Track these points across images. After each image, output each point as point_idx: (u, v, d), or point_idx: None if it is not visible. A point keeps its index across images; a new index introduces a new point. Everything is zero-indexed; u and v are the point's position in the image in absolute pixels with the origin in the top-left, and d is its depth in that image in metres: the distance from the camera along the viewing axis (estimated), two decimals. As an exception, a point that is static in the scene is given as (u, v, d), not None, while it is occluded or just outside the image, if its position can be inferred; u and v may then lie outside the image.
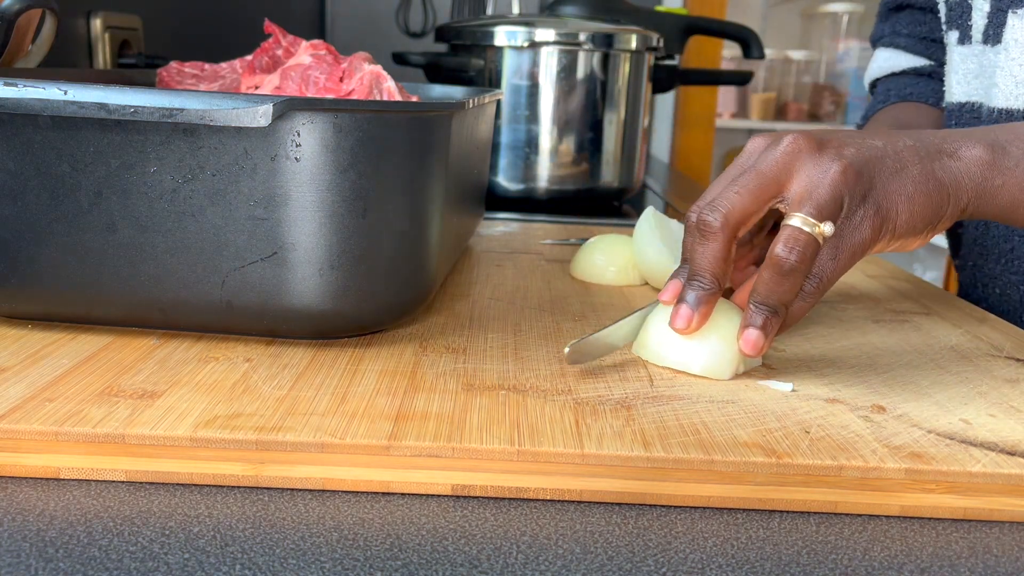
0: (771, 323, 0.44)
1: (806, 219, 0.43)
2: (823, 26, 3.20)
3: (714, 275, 0.44)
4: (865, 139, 0.46)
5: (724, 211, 0.44)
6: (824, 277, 0.45)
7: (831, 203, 0.43)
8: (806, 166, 0.44)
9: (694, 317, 0.44)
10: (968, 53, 0.68)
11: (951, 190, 0.46)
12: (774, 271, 0.43)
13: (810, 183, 0.44)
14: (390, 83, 0.60)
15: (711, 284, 0.44)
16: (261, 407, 0.39)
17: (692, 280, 0.45)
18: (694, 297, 0.44)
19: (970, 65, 0.68)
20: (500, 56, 0.98)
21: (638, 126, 1.04)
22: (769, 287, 0.44)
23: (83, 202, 0.44)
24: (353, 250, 0.44)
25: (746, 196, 0.44)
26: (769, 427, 0.39)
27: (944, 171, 0.46)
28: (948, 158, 0.46)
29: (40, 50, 0.66)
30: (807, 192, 0.44)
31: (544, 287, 0.63)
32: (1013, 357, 0.51)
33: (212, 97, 0.40)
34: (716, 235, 0.44)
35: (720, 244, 0.44)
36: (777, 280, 0.43)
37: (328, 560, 0.31)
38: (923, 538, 0.35)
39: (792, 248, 0.43)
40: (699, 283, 0.44)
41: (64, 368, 0.42)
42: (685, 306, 0.44)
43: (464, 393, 0.42)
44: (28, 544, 0.31)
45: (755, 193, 0.44)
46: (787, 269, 0.43)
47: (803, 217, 0.43)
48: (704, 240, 0.44)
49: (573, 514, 0.35)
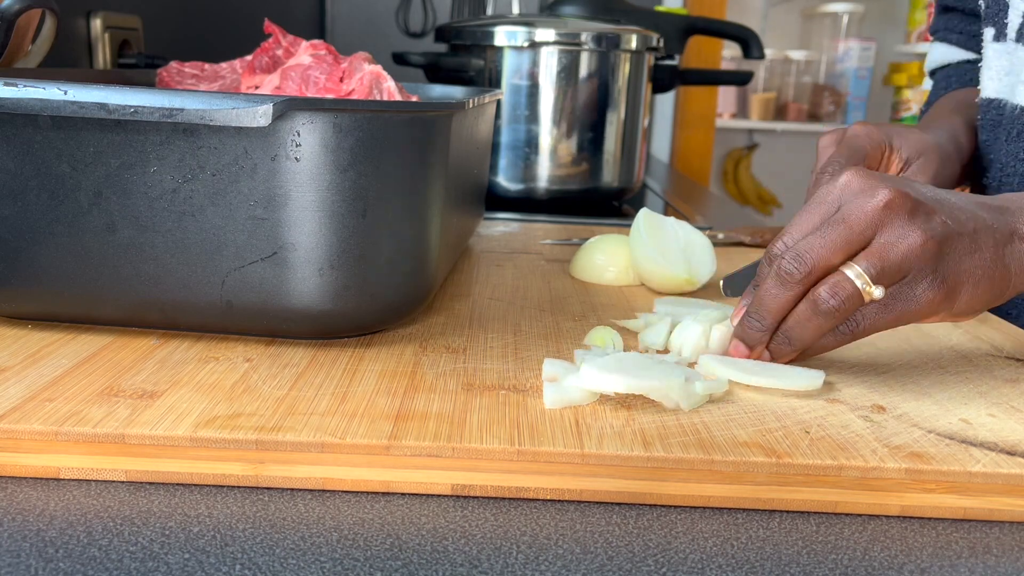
0: (782, 352, 0.45)
1: (861, 274, 0.43)
2: (823, 26, 3.20)
3: (776, 319, 0.45)
4: (953, 207, 0.45)
5: (809, 265, 0.43)
6: (862, 327, 0.44)
7: (895, 271, 0.43)
8: (893, 226, 0.43)
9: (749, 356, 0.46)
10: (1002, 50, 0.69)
11: (1016, 276, 0.45)
12: (809, 307, 0.44)
13: (888, 242, 0.43)
14: (390, 83, 0.60)
15: (770, 327, 0.45)
16: (261, 407, 0.39)
17: (753, 316, 0.45)
18: (749, 337, 0.46)
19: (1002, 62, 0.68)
20: (500, 56, 0.98)
21: (638, 126, 1.04)
22: (798, 320, 0.44)
23: (83, 202, 0.44)
24: (353, 250, 0.44)
25: (831, 250, 0.44)
26: (769, 427, 0.39)
27: (1013, 257, 0.45)
28: (1020, 242, 0.45)
29: (40, 50, 0.66)
30: (878, 249, 0.43)
31: (544, 287, 0.63)
32: (1013, 357, 0.51)
33: (212, 97, 0.40)
34: (795, 286, 0.44)
35: (794, 294, 0.44)
36: (808, 317, 0.44)
37: (328, 560, 0.31)
38: (923, 538, 0.35)
39: (835, 294, 0.43)
40: (759, 323, 0.45)
41: (64, 368, 0.42)
42: (739, 344, 0.46)
43: (464, 393, 0.42)
44: (28, 544, 0.31)
45: (842, 248, 0.44)
46: (822, 311, 0.43)
47: (859, 272, 0.43)
48: (781, 286, 0.44)
49: (573, 514, 0.35)
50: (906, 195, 0.44)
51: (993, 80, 0.70)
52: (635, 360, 0.43)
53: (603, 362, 0.42)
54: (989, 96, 0.70)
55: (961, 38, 0.84)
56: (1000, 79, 0.69)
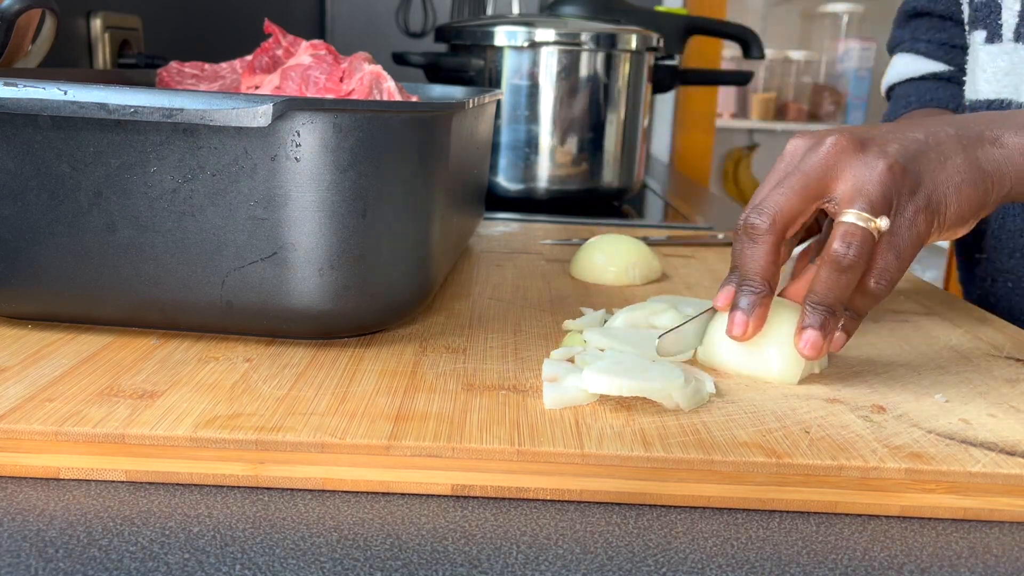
0: (829, 323, 0.44)
1: (860, 214, 0.43)
2: (823, 26, 3.20)
3: (764, 278, 0.44)
4: (906, 133, 0.46)
5: (771, 212, 0.44)
6: (891, 275, 0.45)
7: (882, 199, 0.43)
8: (852, 165, 0.44)
9: (749, 323, 0.44)
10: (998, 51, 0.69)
11: (995, 177, 0.46)
12: (832, 268, 0.43)
13: (858, 181, 0.44)
14: (390, 83, 0.60)
15: (761, 287, 0.44)
16: (261, 407, 0.39)
17: (743, 285, 0.45)
18: (747, 302, 0.44)
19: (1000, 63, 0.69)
20: (500, 56, 0.98)
21: (638, 126, 1.04)
22: (827, 285, 0.44)
23: (83, 202, 0.44)
24: (353, 250, 0.44)
25: (792, 196, 0.44)
26: (769, 427, 0.39)
27: (987, 159, 0.46)
28: (991, 145, 0.46)
29: (40, 50, 0.66)
30: (856, 190, 0.44)
31: (544, 287, 0.63)
32: (1013, 357, 0.51)
33: (212, 97, 0.40)
34: (764, 237, 0.44)
35: (768, 246, 0.44)
36: (835, 277, 0.43)
37: (328, 560, 0.31)
38: (923, 538, 0.35)
39: (849, 243, 0.43)
40: (750, 287, 0.44)
41: (64, 368, 0.42)
42: (740, 312, 0.44)
43: (464, 393, 0.42)
44: (28, 544, 0.31)
45: (800, 193, 0.44)
46: (845, 264, 0.43)
47: (857, 213, 0.43)
48: (752, 243, 0.44)
49: (573, 514, 0.35)
50: (850, 134, 0.45)
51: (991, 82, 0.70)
52: (634, 361, 0.43)
53: (603, 364, 0.42)
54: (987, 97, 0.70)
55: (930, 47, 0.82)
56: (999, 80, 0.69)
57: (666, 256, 0.76)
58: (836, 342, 0.46)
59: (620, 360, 0.43)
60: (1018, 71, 0.67)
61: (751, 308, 0.44)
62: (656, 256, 0.68)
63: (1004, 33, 0.68)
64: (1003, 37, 0.68)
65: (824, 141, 0.45)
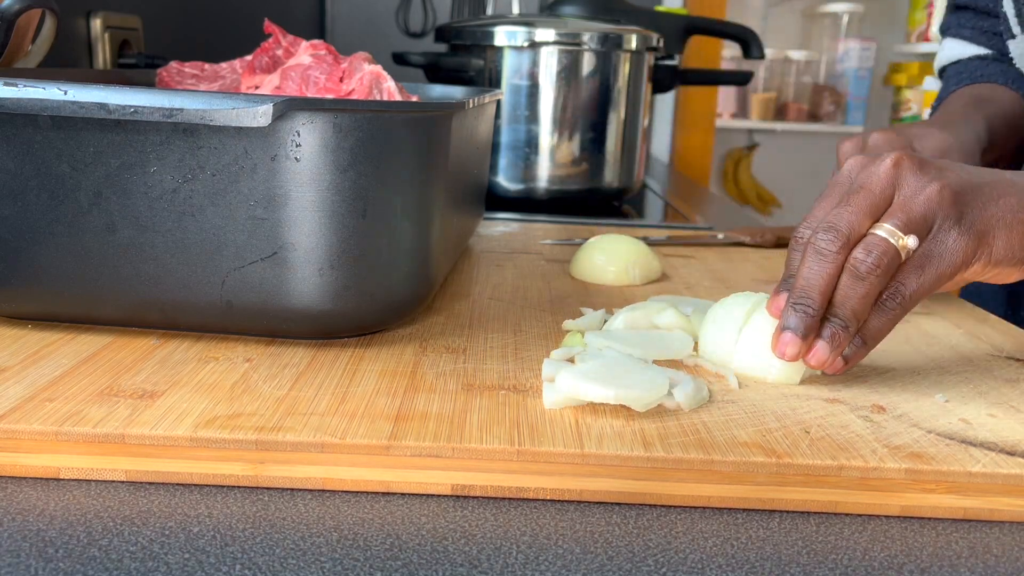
0: (839, 336, 0.43)
1: (892, 230, 0.43)
2: (823, 26, 3.20)
3: (824, 298, 0.43)
4: (968, 168, 0.46)
5: (845, 232, 0.43)
6: (906, 294, 0.44)
7: (920, 219, 0.43)
8: (907, 181, 0.44)
9: (801, 347, 0.43)
10: None
11: None
12: (848, 275, 0.43)
13: (905, 197, 0.44)
14: (390, 83, 0.60)
15: (818, 309, 0.43)
16: (261, 407, 0.39)
17: (799, 303, 0.43)
18: (800, 323, 0.43)
19: None
20: (500, 56, 0.98)
21: (638, 126, 1.04)
22: (843, 293, 0.43)
23: (83, 202, 0.44)
24: (353, 250, 0.44)
25: (860, 215, 0.44)
26: (769, 427, 0.39)
27: None
28: None
29: (40, 50, 0.66)
30: (899, 205, 0.44)
31: (544, 287, 0.63)
32: (1013, 357, 0.51)
33: (212, 97, 0.40)
34: (835, 256, 0.43)
35: (836, 266, 0.43)
36: (850, 285, 0.43)
37: (328, 560, 0.31)
38: (923, 538, 0.35)
39: (870, 252, 0.43)
40: (806, 307, 0.43)
41: (64, 368, 0.42)
42: (791, 335, 0.42)
43: (464, 393, 0.42)
44: (28, 544, 0.31)
45: (867, 211, 0.44)
46: (862, 272, 0.43)
47: (888, 228, 0.43)
48: (821, 259, 0.43)
49: (573, 514, 0.35)
50: (910, 155, 0.45)
51: None
52: (622, 365, 0.42)
53: (585, 368, 0.41)
54: None
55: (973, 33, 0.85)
56: None
57: (666, 256, 0.76)
58: (835, 366, 0.44)
59: (607, 364, 0.42)
60: None
61: (805, 331, 0.42)
62: (656, 256, 0.68)
63: None
64: None
65: (884, 158, 0.45)
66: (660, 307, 0.52)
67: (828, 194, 0.47)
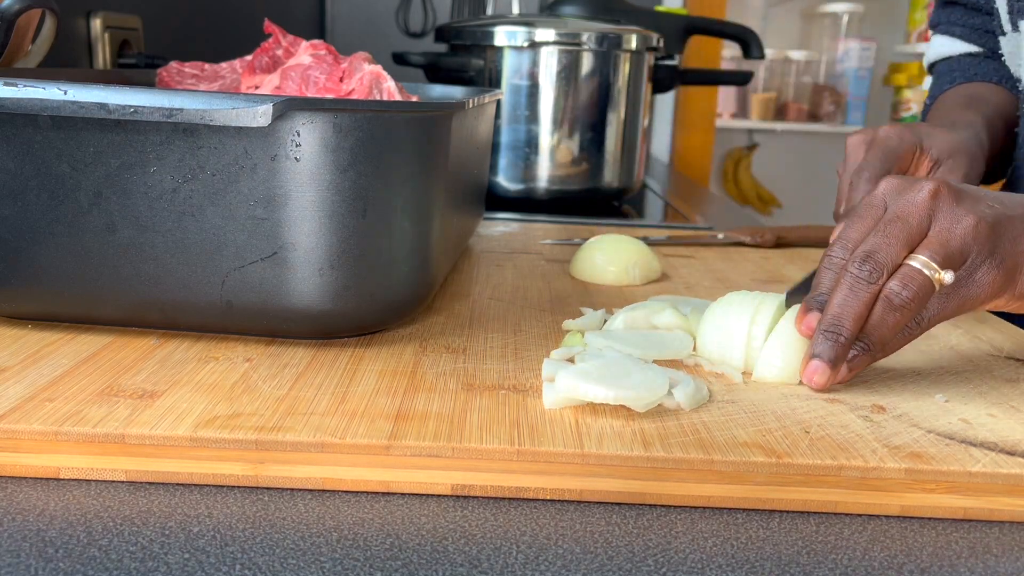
0: (861, 360, 0.44)
1: (928, 263, 0.43)
2: (823, 26, 3.20)
3: (855, 328, 0.43)
4: (1000, 197, 0.46)
5: (881, 264, 0.43)
6: (927, 319, 0.44)
7: (958, 254, 0.44)
8: (943, 212, 0.44)
9: (830, 377, 0.43)
10: None
11: None
12: (883, 305, 0.43)
13: (942, 229, 0.44)
14: (390, 83, 0.60)
15: (848, 338, 0.43)
16: (261, 407, 0.39)
17: (830, 330, 0.43)
18: (831, 353, 0.43)
19: None
20: (500, 56, 0.98)
21: (638, 126, 1.04)
22: (874, 321, 0.43)
23: (83, 202, 0.44)
24: (353, 250, 0.44)
25: (895, 247, 0.44)
26: (769, 427, 0.39)
27: None
28: None
29: (40, 50, 0.66)
30: (936, 237, 0.44)
31: (544, 287, 0.63)
32: (1013, 357, 0.51)
33: (212, 97, 0.40)
34: (870, 287, 0.43)
35: (871, 296, 0.43)
36: (884, 315, 0.43)
37: (328, 560, 0.31)
38: (923, 538, 0.35)
39: (907, 285, 0.43)
40: (837, 334, 0.43)
41: (64, 368, 0.42)
42: (821, 364, 0.43)
43: (464, 393, 0.42)
44: (28, 544, 0.31)
45: (904, 242, 0.44)
46: (897, 304, 0.43)
47: (925, 260, 0.43)
48: (857, 290, 0.43)
49: (573, 514, 0.35)
50: (948, 185, 0.45)
51: None
52: (621, 365, 0.42)
53: (584, 368, 0.41)
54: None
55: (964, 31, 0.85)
56: None
57: (666, 256, 0.76)
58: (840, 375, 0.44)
59: (607, 364, 0.42)
60: None
61: (834, 360, 0.43)
62: (656, 256, 0.68)
63: None
64: None
65: (922, 186, 0.45)
66: (660, 307, 0.52)
67: (862, 215, 0.47)
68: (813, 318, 0.45)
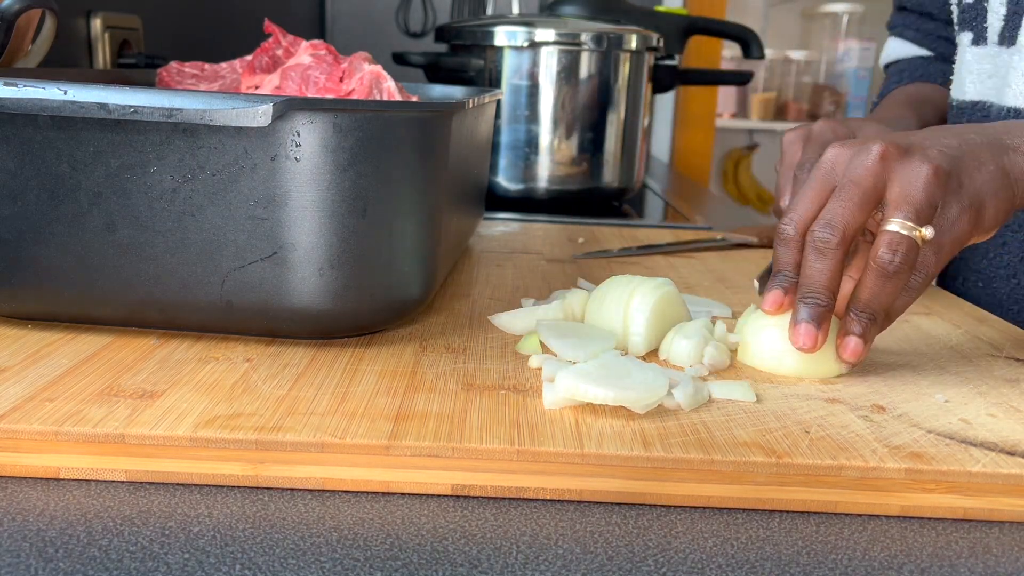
0: (870, 330, 0.45)
1: (904, 223, 0.44)
2: (823, 26, 3.20)
3: (831, 291, 0.45)
4: (940, 139, 0.47)
5: (841, 227, 0.44)
6: (928, 271, 0.45)
7: (927, 206, 0.44)
8: (897, 172, 0.45)
9: (818, 336, 0.44)
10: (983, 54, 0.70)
11: (1018, 184, 0.48)
12: (877, 274, 0.44)
13: (904, 188, 0.45)
14: (390, 83, 0.60)
15: (828, 301, 0.44)
16: (261, 407, 0.39)
17: (809, 297, 0.45)
18: (813, 314, 0.44)
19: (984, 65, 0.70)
20: (500, 56, 0.98)
21: (638, 126, 1.04)
22: (872, 291, 0.44)
23: (83, 202, 0.44)
24: (353, 250, 0.44)
25: (854, 208, 0.45)
26: (769, 427, 0.39)
27: (1012, 166, 0.47)
28: (1013, 152, 0.48)
29: (40, 50, 0.66)
30: (902, 196, 0.45)
31: (544, 287, 0.63)
32: (1013, 357, 0.51)
33: (212, 97, 0.40)
34: (834, 251, 0.44)
35: (837, 260, 0.45)
36: (880, 284, 0.44)
37: (328, 560, 0.31)
38: (923, 538, 0.35)
39: (895, 250, 0.44)
40: (816, 300, 0.44)
41: (64, 368, 0.42)
42: (807, 325, 0.44)
43: (464, 393, 0.42)
44: (28, 544, 0.31)
45: (862, 205, 0.45)
46: (891, 271, 0.44)
47: (902, 221, 0.44)
48: (821, 256, 0.45)
49: (573, 514, 0.35)
50: (894, 143, 0.46)
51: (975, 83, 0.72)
52: (619, 366, 0.42)
53: (583, 368, 0.41)
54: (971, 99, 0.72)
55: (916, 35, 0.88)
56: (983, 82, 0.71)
57: (666, 256, 0.76)
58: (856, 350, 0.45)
59: (607, 364, 0.42)
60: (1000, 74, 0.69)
61: (818, 321, 0.44)
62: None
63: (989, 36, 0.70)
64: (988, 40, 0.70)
65: (869, 149, 0.46)
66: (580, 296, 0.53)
67: (810, 186, 0.47)
68: (776, 294, 0.46)
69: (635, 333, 0.49)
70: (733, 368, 0.47)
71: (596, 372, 0.41)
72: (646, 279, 0.51)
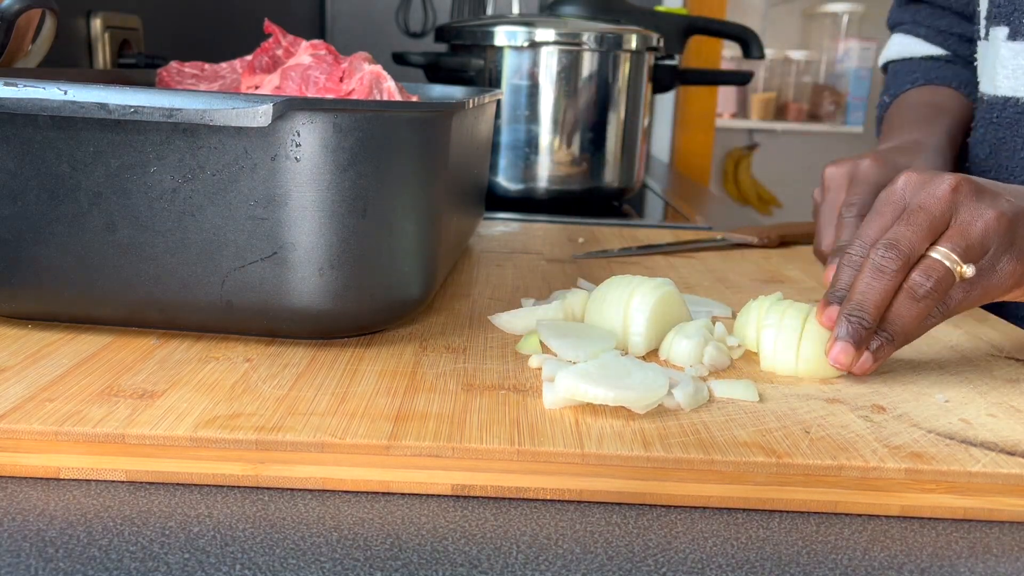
0: (884, 348, 0.45)
1: (949, 255, 0.44)
2: (823, 26, 3.20)
3: (879, 313, 0.44)
4: (1018, 192, 0.48)
5: (906, 252, 0.44)
6: (951, 308, 0.45)
7: (978, 246, 0.45)
8: (964, 206, 0.45)
9: (855, 357, 0.44)
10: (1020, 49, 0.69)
11: None
12: (906, 296, 0.44)
13: (963, 223, 0.45)
14: (390, 83, 0.60)
15: (872, 323, 0.44)
16: (261, 407, 0.39)
17: (854, 315, 0.44)
18: (855, 335, 0.44)
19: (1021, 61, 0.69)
20: (500, 56, 0.98)
21: (638, 126, 1.04)
22: (897, 312, 0.44)
23: (83, 202, 0.44)
24: (353, 250, 0.44)
25: (919, 233, 0.45)
26: (769, 427, 0.39)
27: None
28: None
29: (40, 50, 0.66)
30: (958, 230, 0.45)
31: (544, 287, 0.63)
32: (1013, 357, 0.51)
33: (212, 97, 0.40)
34: (895, 274, 0.44)
35: (895, 284, 0.44)
36: (906, 305, 0.44)
37: (328, 560, 0.31)
38: (923, 538, 0.35)
39: (929, 276, 0.44)
40: (861, 320, 0.44)
41: (64, 368, 0.42)
42: (846, 345, 0.44)
43: (464, 393, 0.42)
44: (28, 544, 0.31)
45: (927, 231, 0.45)
46: (920, 295, 0.44)
47: (947, 252, 0.44)
48: (881, 276, 0.44)
49: (573, 514, 0.35)
50: (968, 179, 0.46)
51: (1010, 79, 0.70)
52: (619, 366, 0.42)
53: (583, 368, 0.41)
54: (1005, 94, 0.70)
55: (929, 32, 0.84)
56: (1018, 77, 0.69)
57: (666, 256, 0.76)
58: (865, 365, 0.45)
59: (607, 364, 0.42)
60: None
61: (858, 342, 0.44)
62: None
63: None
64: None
65: (942, 179, 0.46)
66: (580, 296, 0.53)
67: (880, 212, 0.48)
68: (833, 310, 0.46)
69: (635, 333, 0.49)
70: (733, 368, 0.47)
71: (596, 372, 0.41)
72: (646, 279, 0.51)
